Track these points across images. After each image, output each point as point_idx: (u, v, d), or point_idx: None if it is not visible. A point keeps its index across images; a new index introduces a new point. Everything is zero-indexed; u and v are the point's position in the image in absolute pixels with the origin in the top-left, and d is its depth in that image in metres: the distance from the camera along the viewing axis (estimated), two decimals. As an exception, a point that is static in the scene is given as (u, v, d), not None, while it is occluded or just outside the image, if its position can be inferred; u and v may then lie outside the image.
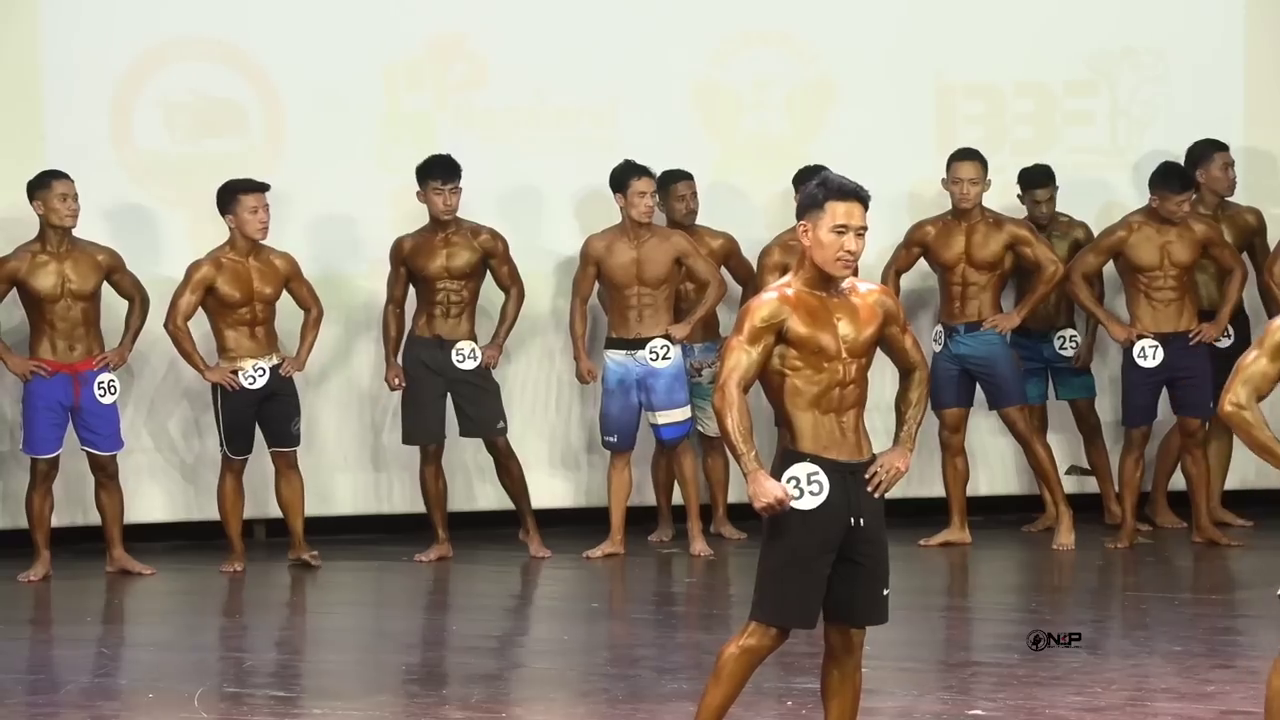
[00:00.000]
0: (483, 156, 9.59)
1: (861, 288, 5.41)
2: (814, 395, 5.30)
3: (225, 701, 6.77)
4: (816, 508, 5.27)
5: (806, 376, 5.30)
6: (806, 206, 5.35)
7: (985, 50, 10.06)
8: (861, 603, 5.37)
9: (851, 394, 5.34)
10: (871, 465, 5.35)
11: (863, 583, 5.35)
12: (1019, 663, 6.96)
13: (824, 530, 5.29)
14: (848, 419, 5.34)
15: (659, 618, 8.30)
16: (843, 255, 5.30)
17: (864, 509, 5.33)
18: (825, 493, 5.28)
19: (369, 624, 8.35)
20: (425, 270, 9.29)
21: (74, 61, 9.49)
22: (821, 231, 5.30)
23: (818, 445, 5.30)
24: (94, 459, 9.04)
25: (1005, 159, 9.74)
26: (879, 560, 5.37)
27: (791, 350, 5.29)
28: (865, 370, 5.37)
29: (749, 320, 5.29)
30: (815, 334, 5.29)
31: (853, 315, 5.35)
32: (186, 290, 9.03)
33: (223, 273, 9.05)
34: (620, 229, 9.31)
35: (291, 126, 9.70)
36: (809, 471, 5.29)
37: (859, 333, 5.34)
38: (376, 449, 9.82)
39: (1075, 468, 9.92)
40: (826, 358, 5.30)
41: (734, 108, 10.01)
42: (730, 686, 5.39)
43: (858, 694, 5.47)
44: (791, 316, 5.29)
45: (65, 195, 8.89)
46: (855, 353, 5.33)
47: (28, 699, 6.88)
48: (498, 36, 9.83)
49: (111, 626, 8.45)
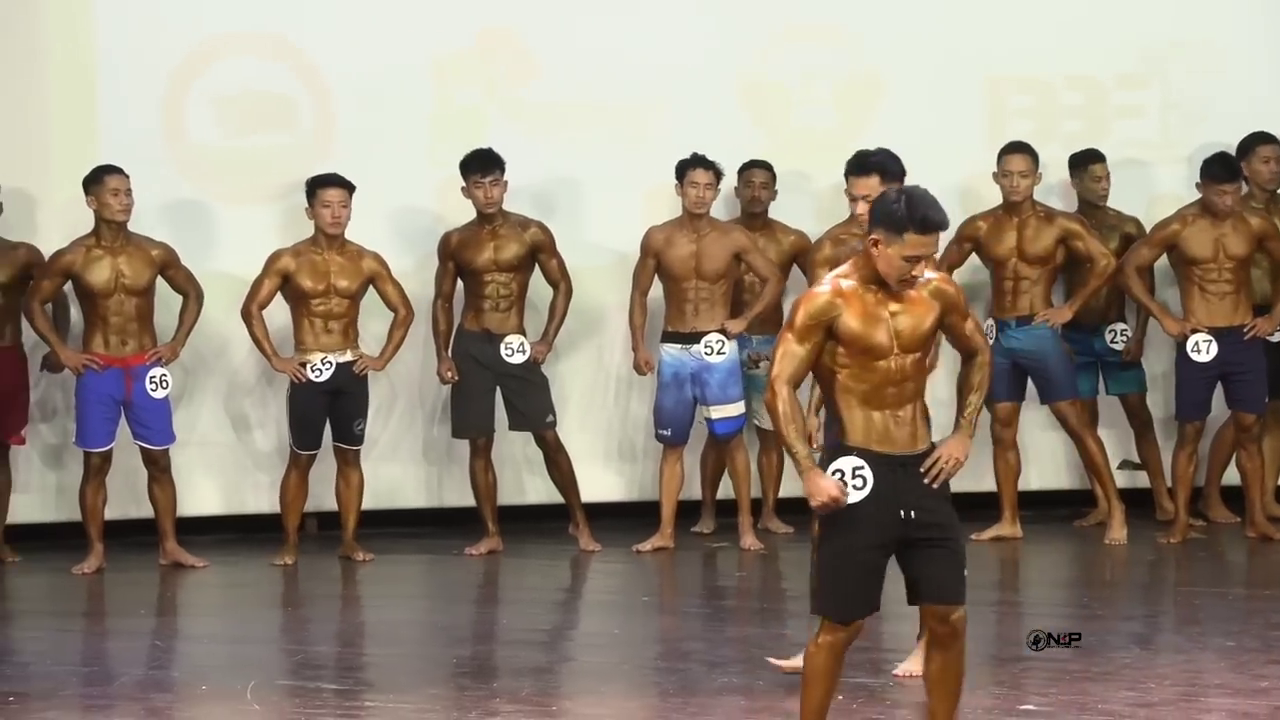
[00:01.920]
0: (531, 151, 9.60)
1: (920, 277, 5.35)
2: (865, 392, 5.28)
3: (278, 694, 6.80)
4: (863, 501, 5.26)
5: (856, 374, 5.28)
6: (884, 223, 5.24)
7: (1035, 43, 10.03)
8: (946, 580, 5.30)
9: (907, 389, 5.30)
10: (928, 456, 5.31)
11: (944, 560, 5.29)
12: (1071, 658, 6.94)
13: (872, 523, 5.27)
14: (903, 413, 5.30)
15: (709, 612, 8.31)
16: (907, 279, 5.27)
17: (916, 501, 5.29)
18: (869, 487, 5.25)
19: (420, 617, 8.37)
20: (473, 264, 9.31)
21: (127, 58, 9.55)
22: (894, 254, 5.24)
23: (867, 439, 5.28)
24: (146, 453, 9.09)
25: (1055, 152, 9.71)
26: (953, 539, 5.31)
27: (841, 347, 5.27)
28: (922, 363, 5.33)
29: (799, 316, 5.27)
30: (866, 332, 5.26)
31: (909, 309, 5.31)
32: (265, 277, 9.08)
33: (301, 264, 9.09)
34: (680, 221, 9.32)
35: (341, 121, 9.73)
36: (854, 465, 5.27)
37: (914, 327, 5.30)
38: (427, 443, 9.85)
39: (1127, 462, 9.88)
40: (877, 355, 5.27)
41: (783, 102, 9.99)
42: (822, 684, 5.38)
43: (961, 679, 5.42)
44: (844, 312, 5.26)
45: (118, 190, 8.94)
46: (909, 348, 5.30)
47: (82, 691, 6.92)
48: (547, 31, 9.84)
49: (164, 619, 8.50)
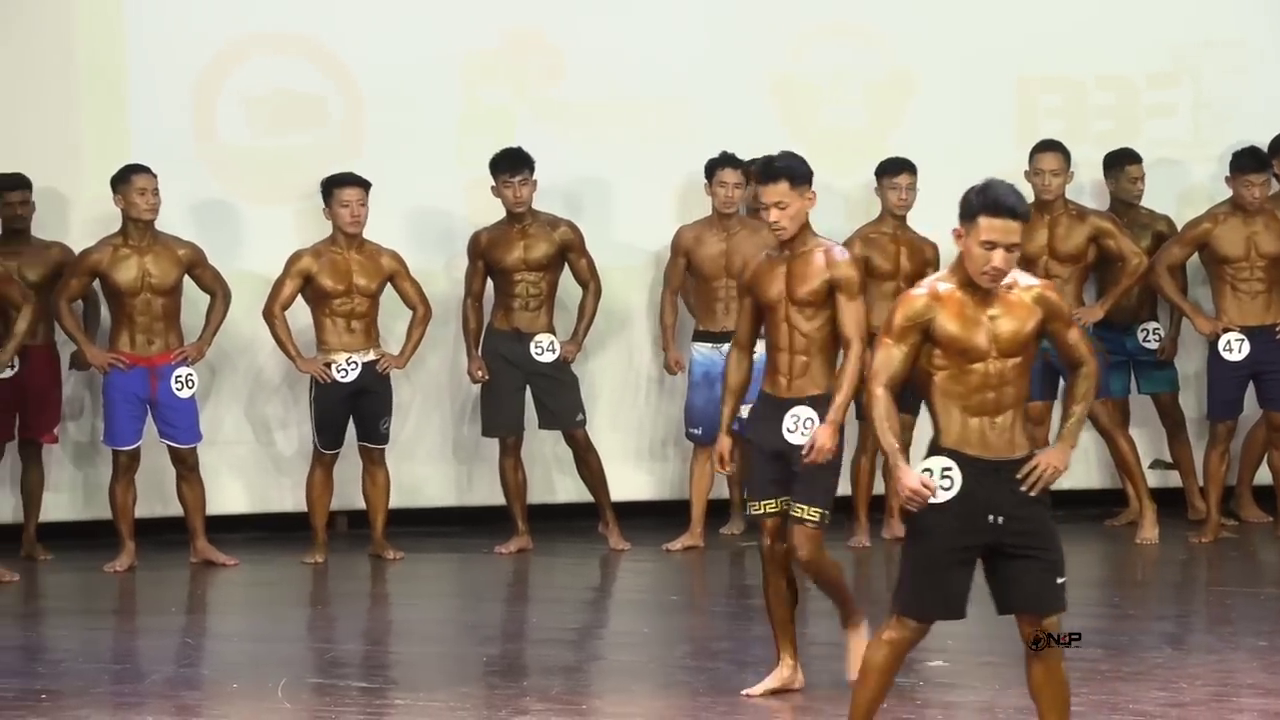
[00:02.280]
0: (560, 150, 9.61)
1: (1022, 281, 5.31)
2: (961, 395, 5.25)
3: (308, 692, 6.81)
4: (950, 502, 5.23)
5: (953, 376, 5.25)
6: (962, 213, 5.29)
7: (1065, 42, 10.00)
8: (1037, 590, 5.28)
9: (1006, 395, 5.25)
10: (1024, 463, 5.26)
11: (1037, 571, 5.27)
12: (1102, 657, 6.92)
13: (957, 525, 5.24)
14: (1001, 419, 5.26)
15: (738, 611, 8.29)
16: (989, 270, 5.22)
17: (1008, 508, 5.24)
18: (956, 488, 5.23)
19: (450, 616, 8.38)
20: (503, 263, 9.31)
21: (158, 58, 9.58)
22: (971, 243, 5.24)
23: (961, 443, 5.25)
24: (174, 451, 9.11)
25: (1086, 151, 9.68)
26: (1049, 549, 5.28)
27: (938, 350, 5.25)
28: (1022, 369, 5.26)
29: (895, 318, 5.26)
30: (962, 334, 5.22)
31: (1009, 313, 5.26)
32: (286, 279, 9.10)
33: (322, 264, 9.11)
34: (710, 220, 9.32)
35: (370, 121, 9.74)
36: (943, 466, 5.26)
37: (1014, 332, 5.24)
38: (457, 442, 9.86)
39: (1158, 462, 9.84)
40: (973, 358, 5.23)
41: (812, 101, 9.98)
42: (880, 679, 5.38)
43: (1066, 686, 5.39)
44: (940, 314, 5.23)
45: (144, 189, 8.96)
46: (1007, 352, 5.24)
47: (113, 688, 6.94)
48: (575, 30, 9.85)
49: (195, 617, 8.52)
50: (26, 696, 6.73)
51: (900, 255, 9.38)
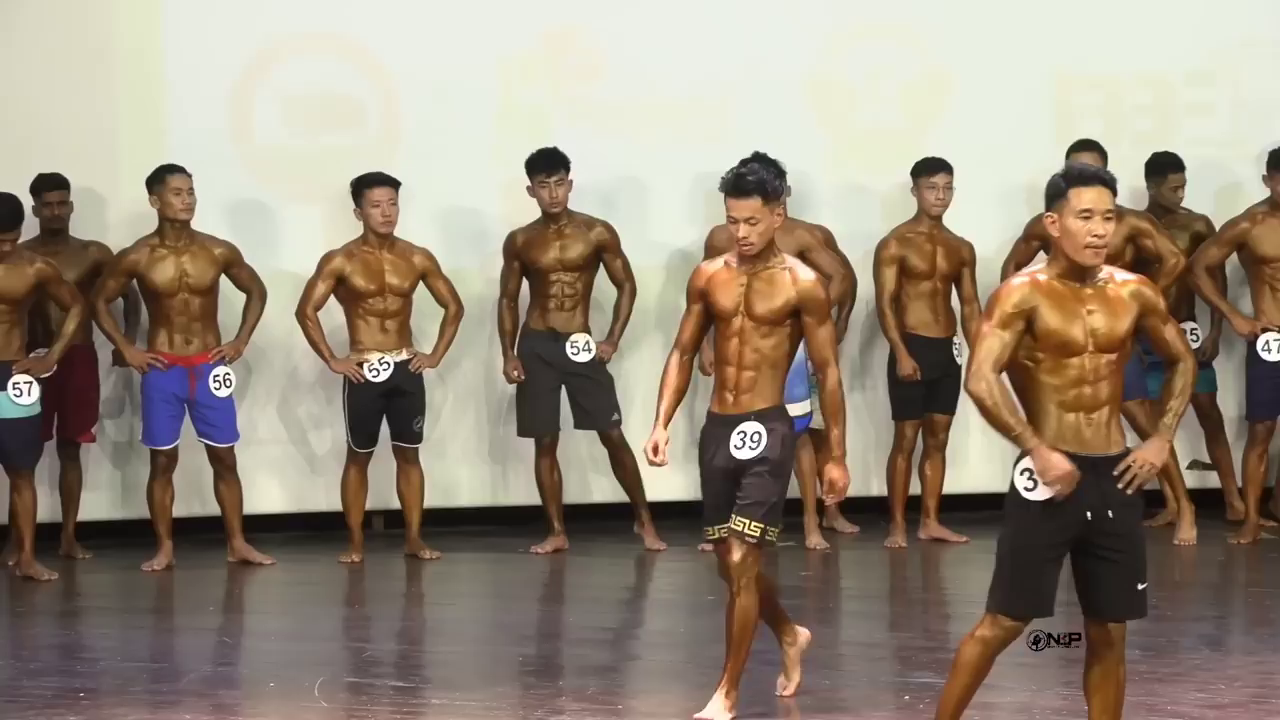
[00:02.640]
0: (596, 150, 9.61)
1: (1119, 277, 5.28)
2: (1057, 389, 5.21)
3: (345, 691, 6.83)
4: (1048, 499, 5.19)
5: (1050, 370, 5.21)
6: (1051, 197, 5.25)
7: (1103, 41, 9.97)
8: (1114, 597, 5.27)
9: (1101, 390, 5.21)
10: (1121, 459, 5.23)
11: (1116, 577, 5.25)
12: (1140, 659, 6.88)
13: (1056, 523, 5.21)
14: (1097, 415, 5.22)
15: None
16: (1091, 240, 5.17)
17: (1105, 503, 5.22)
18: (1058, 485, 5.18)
19: (486, 615, 8.40)
20: (539, 263, 9.32)
21: (194, 58, 9.61)
22: (1068, 219, 5.19)
23: (1058, 439, 5.20)
24: (212, 450, 9.14)
25: (1125, 151, 9.64)
26: (1132, 554, 5.27)
27: (1036, 342, 5.20)
28: (1118, 365, 5.23)
29: (999, 307, 5.20)
30: (1061, 327, 5.18)
31: (1106, 307, 5.22)
32: (318, 279, 9.12)
33: (354, 264, 9.13)
34: (742, 221, 9.30)
35: (407, 121, 9.76)
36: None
37: (1111, 326, 5.21)
38: (493, 442, 9.87)
39: (1197, 463, 9.80)
40: (1071, 352, 5.19)
41: (848, 100, 9.97)
42: (968, 677, 5.35)
43: (1121, 688, 5.39)
44: (1041, 305, 5.19)
45: (179, 189, 8.99)
46: (1104, 347, 5.21)
47: (150, 687, 6.96)
48: (611, 29, 9.85)
49: (232, 616, 8.55)
50: (65, 695, 6.76)
51: (936, 255, 9.36)
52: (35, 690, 6.84)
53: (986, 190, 9.74)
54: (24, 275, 8.75)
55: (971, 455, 9.87)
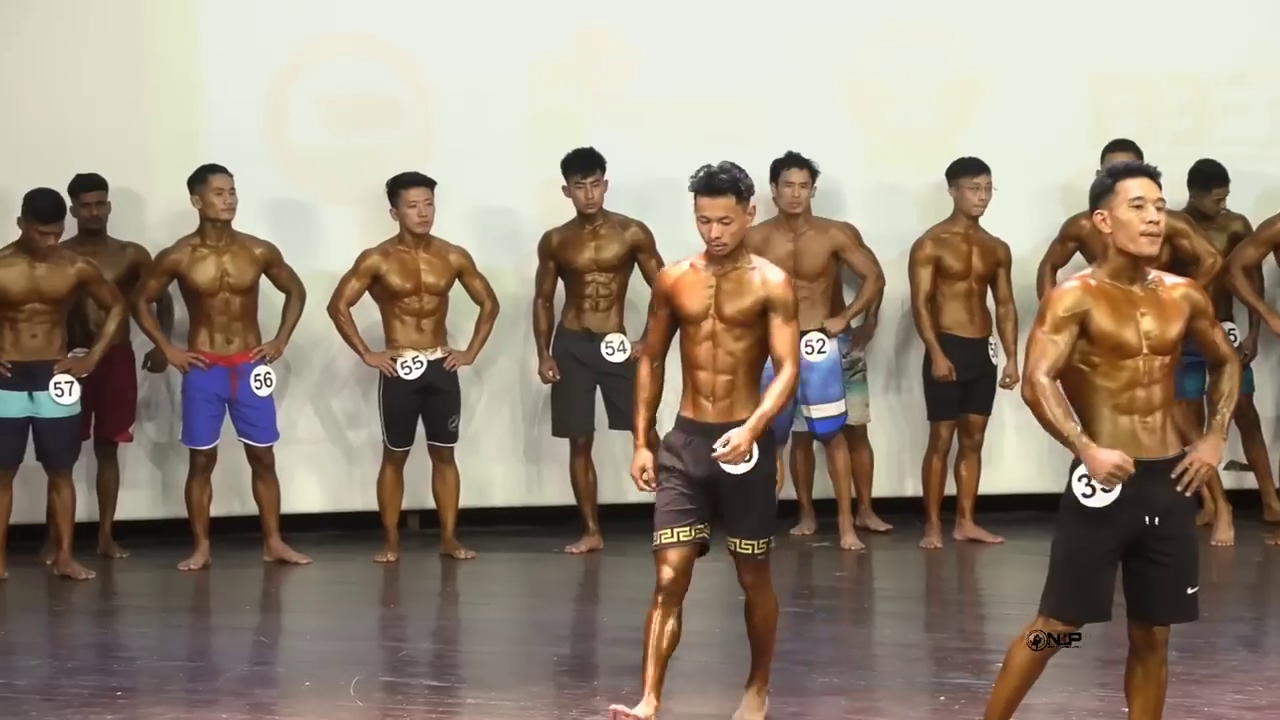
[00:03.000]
0: (630, 150, 9.61)
1: (1168, 280, 5.28)
2: (1112, 393, 5.20)
3: (380, 690, 6.85)
4: (1108, 505, 5.18)
5: (1104, 373, 5.20)
6: (1099, 195, 5.25)
7: (1138, 41, 9.94)
8: (1163, 601, 5.28)
9: (1155, 393, 5.20)
10: (1177, 462, 5.23)
11: (1166, 581, 5.26)
12: (1176, 660, 6.83)
13: (1114, 527, 5.21)
14: (1152, 418, 5.21)
15: (809, 611, 8.27)
16: (1146, 228, 5.17)
17: (1162, 507, 5.22)
18: (1116, 491, 5.17)
19: (521, 615, 8.41)
20: (574, 263, 9.33)
21: (231, 59, 9.64)
22: (1120, 210, 5.19)
23: (1114, 443, 5.19)
24: (251, 450, 9.17)
25: (1160, 151, 9.57)
26: (1183, 557, 5.27)
27: (1090, 346, 5.20)
28: (1170, 368, 5.23)
29: (1051, 311, 5.20)
30: (1115, 329, 5.18)
31: (1158, 310, 5.22)
32: (352, 277, 9.15)
33: (390, 263, 9.15)
34: (778, 221, 9.31)
35: (441, 121, 9.78)
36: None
37: (1164, 329, 5.21)
38: (528, 441, 9.88)
39: (1234, 463, 9.77)
40: (1125, 354, 5.19)
41: (882, 100, 9.96)
42: (1018, 680, 5.35)
43: (1162, 690, 5.39)
44: (1094, 308, 5.18)
45: (221, 189, 9.02)
46: (1158, 349, 5.20)
47: (187, 686, 6.99)
48: (644, 30, 9.86)
49: (269, 615, 8.57)
50: (102, 693, 6.79)
51: (972, 255, 9.35)
52: (73, 689, 6.87)
53: (1020, 191, 9.72)
54: (65, 275, 8.79)
55: (1007, 456, 9.85)
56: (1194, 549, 5.32)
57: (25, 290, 8.75)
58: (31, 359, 8.77)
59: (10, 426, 8.75)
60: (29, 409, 8.77)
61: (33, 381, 8.76)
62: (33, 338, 8.78)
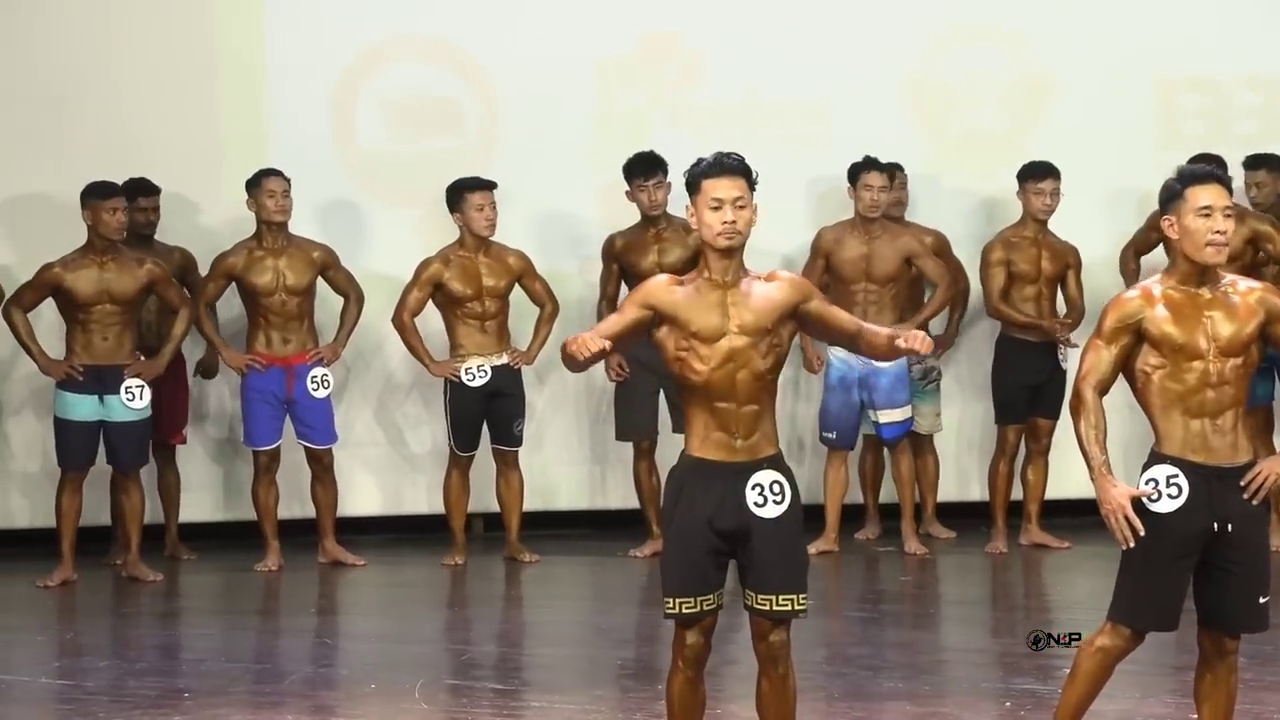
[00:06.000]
0: (695, 154, 9.47)
1: (1242, 284, 5.24)
2: (1179, 395, 5.16)
3: (445, 693, 6.85)
4: (1175, 511, 5.16)
5: (1171, 376, 5.17)
6: (1166, 200, 5.22)
7: (1205, 42, 9.88)
8: (1234, 610, 5.25)
9: (1226, 395, 5.16)
10: (1248, 469, 5.18)
11: (1235, 589, 5.22)
12: (1245, 666, 6.75)
13: (1182, 534, 5.17)
14: (1223, 420, 5.17)
15: (874, 616, 8.25)
16: (1213, 238, 5.13)
17: (1232, 514, 5.18)
18: (1184, 497, 5.14)
19: (584, 618, 8.40)
20: (638, 267, 9.33)
21: (296, 63, 9.68)
22: (1187, 218, 5.16)
23: (1185, 448, 5.16)
24: (310, 452, 9.20)
25: (1228, 153, 9.51)
26: (1254, 566, 5.22)
27: (1152, 350, 5.17)
28: (1243, 371, 5.18)
29: (1105, 320, 5.19)
30: (1177, 332, 5.15)
31: (1229, 312, 5.18)
32: (415, 287, 9.16)
33: (452, 269, 9.16)
34: (852, 223, 9.29)
35: (506, 125, 9.79)
36: (1168, 474, 5.18)
37: (1234, 331, 5.17)
38: (592, 445, 9.88)
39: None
40: (1190, 356, 5.15)
41: (948, 103, 9.92)
42: (1087, 686, 5.32)
43: (1232, 698, 5.36)
44: (1151, 315, 5.16)
45: (274, 192, 9.05)
46: (1228, 352, 5.17)
47: (253, 687, 7.01)
48: (711, 34, 9.85)
49: (332, 618, 8.59)
50: (169, 695, 6.82)
51: (1041, 259, 9.30)
52: (140, 690, 6.91)
53: (1088, 193, 9.66)
54: (135, 276, 8.84)
55: (1075, 460, 9.71)
56: (1265, 558, 5.27)
57: (95, 292, 8.80)
58: (102, 362, 8.81)
59: (81, 430, 8.80)
60: (100, 412, 8.82)
61: (103, 385, 8.80)
62: (104, 340, 8.83)
